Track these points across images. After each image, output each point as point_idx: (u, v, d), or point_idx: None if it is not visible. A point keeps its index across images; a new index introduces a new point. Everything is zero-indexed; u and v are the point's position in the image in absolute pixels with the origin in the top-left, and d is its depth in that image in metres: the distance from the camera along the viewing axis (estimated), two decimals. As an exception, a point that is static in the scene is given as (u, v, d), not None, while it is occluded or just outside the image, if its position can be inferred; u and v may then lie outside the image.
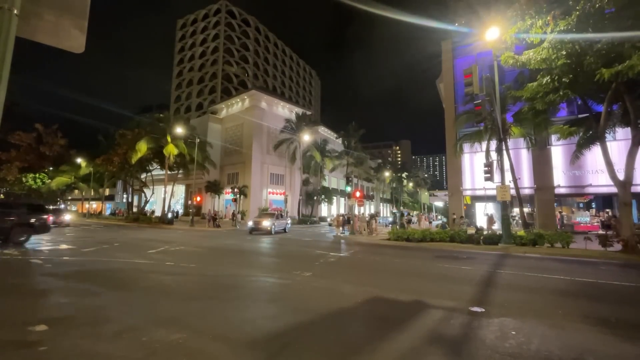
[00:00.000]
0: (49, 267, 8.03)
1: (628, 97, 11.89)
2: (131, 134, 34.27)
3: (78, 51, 1.73)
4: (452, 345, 3.64)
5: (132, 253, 10.82)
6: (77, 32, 1.72)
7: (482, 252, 12.58)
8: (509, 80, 18.68)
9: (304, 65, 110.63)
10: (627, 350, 3.54)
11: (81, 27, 1.72)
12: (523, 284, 6.92)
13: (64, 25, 1.68)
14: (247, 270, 8.30)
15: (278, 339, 3.72)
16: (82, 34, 1.73)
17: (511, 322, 4.35)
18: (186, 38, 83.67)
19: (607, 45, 9.82)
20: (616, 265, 9.81)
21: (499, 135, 15.98)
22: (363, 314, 4.77)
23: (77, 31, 1.71)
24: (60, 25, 1.67)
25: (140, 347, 3.41)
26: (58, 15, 1.64)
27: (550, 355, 3.33)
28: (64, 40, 1.70)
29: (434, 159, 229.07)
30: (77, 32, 1.72)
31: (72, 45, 1.73)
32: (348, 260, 10.32)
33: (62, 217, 25.54)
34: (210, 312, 4.68)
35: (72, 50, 1.73)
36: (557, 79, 11.49)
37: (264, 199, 41.60)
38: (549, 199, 22.48)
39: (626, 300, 5.70)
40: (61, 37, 1.70)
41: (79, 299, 5.27)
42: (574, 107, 20.83)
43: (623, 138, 18.08)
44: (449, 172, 27.12)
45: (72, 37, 1.71)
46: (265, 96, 45.43)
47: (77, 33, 1.72)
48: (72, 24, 1.69)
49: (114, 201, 61.65)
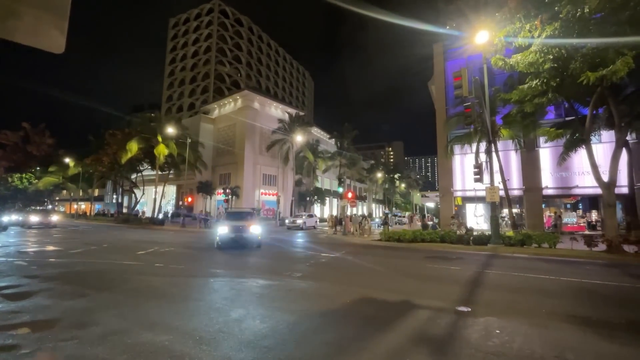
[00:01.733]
0: (34, 268, 7.88)
1: (612, 101, 12.20)
2: (122, 134, 33.84)
3: (57, 52, 1.71)
4: (438, 344, 3.69)
5: (120, 254, 10.68)
6: (57, 33, 1.70)
7: (471, 252, 12.74)
8: (498, 83, 18.99)
9: (298, 66, 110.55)
10: (606, 347, 3.64)
11: (61, 28, 1.70)
12: (509, 283, 7.04)
13: (44, 25, 1.65)
14: (236, 271, 8.26)
15: (265, 340, 3.72)
16: (62, 35, 1.71)
17: (496, 321, 4.43)
18: (178, 37, 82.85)
19: (592, 50, 10.07)
20: (600, 265, 10.04)
21: (488, 137, 16.22)
22: (351, 314, 4.79)
23: (57, 32, 1.69)
24: (39, 25, 1.65)
25: (125, 350, 3.38)
26: (37, 15, 1.62)
27: (532, 354, 3.40)
28: (43, 40, 1.68)
29: (426, 160, 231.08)
30: (57, 33, 1.69)
31: (51, 45, 1.70)
32: (338, 261, 10.35)
33: (49, 218, 25.08)
34: (198, 314, 4.65)
35: (52, 50, 1.71)
36: (545, 82, 11.73)
37: (257, 199, 41.44)
38: (537, 200, 22.88)
39: (608, 299, 5.84)
40: (40, 38, 1.67)
41: (63, 301, 5.19)
42: (561, 110, 21.25)
43: (608, 141, 18.53)
44: (440, 173, 27.42)
45: (51, 38, 1.69)
46: (258, 96, 45.29)
47: (57, 33, 1.70)
48: (52, 24, 1.67)
49: (103, 202, 60.71)
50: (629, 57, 9.01)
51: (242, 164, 40.48)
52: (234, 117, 42.78)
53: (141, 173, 38.93)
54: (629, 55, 9.06)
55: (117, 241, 15.36)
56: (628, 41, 9.28)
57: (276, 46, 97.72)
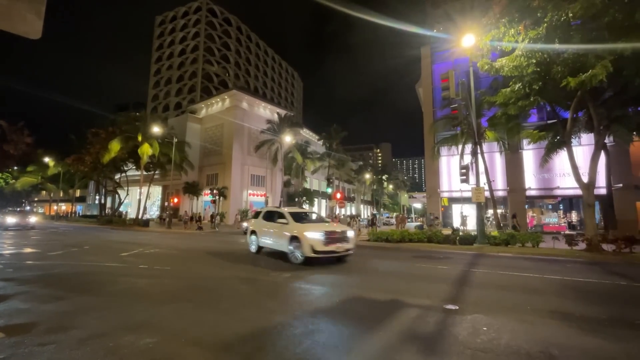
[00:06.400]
0: (10, 271, 7.54)
1: (592, 105, 12.63)
2: (105, 133, 32.87)
3: (34, 37, 1.61)
4: (427, 342, 3.70)
5: (103, 256, 10.34)
6: (33, 17, 1.60)
7: (458, 252, 12.93)
8: (484, 86, 19.42)
9: (286, 67, 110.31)
10: (589, 341, 3.73)
11: (38, 12, 1.61)
12: (495, 282, 7.16)
13: (19, 8, 1.55)
14: (223, 272, 8.11)
15: (253, 341, 3.64)
16: (39, 19, 1.61)
17: (483, 318, 4.48)
18: (165, 35, 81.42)
19: (573, 55, 10.40)
20: (581, 263, 10.35)
21: (474, 139, 16.55)
22: (341, 313, 4.76)
23: (33, 15, 1.60)
24: (14, 8, 1.55)
25: (106, 354, 3.24)
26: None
27: (519, 350, 3.45)
28: (18, 24, 1.58)
29: (414, 161, 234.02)
30: (33, 17, 1.60)
31: (27, 30, 1.60)
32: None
33: (27, 220, 24.17)
34: (184, 316, 4.53)
35: (28, 36, 1.60)
36: (528, 86, 12.04)
37: (244, 200, 41.02)
38: (521, 200, 23.48)
39: (590, 296, 6.01)
40: (15, 22, 1.57)
41: (41, 304, 4.96)
42: (544, 113, 21.94)
43: (587, 143, 19.21)
44: (427, 174, 27.83)
45: (27, 22, 1.59)
46: (246, 96, 44.91)
47: (33, 17, 1.60)
48: (28, 7, 1.58)
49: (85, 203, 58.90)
50: (607, 61, 9.35)
51: (229, 165, 40.02)
52: (221, 117, 42.28)
53: (125, 173, 37.96)
54: (608, 59, 9.40)
55: (99, 243, 14.89)
56: (606, 47, 9.63)
57: (265, 46, 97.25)
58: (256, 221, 11.53)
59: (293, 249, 8.98)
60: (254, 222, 11.68)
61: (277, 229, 9.96)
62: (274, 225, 10.24)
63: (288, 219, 9.73)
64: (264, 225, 10.84)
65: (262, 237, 10.83)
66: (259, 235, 11.00)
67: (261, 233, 10.92)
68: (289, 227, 9.43)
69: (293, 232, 9.09)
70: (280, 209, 11.14)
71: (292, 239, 9.04)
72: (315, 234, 8.62)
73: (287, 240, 9.19)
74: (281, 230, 9.69)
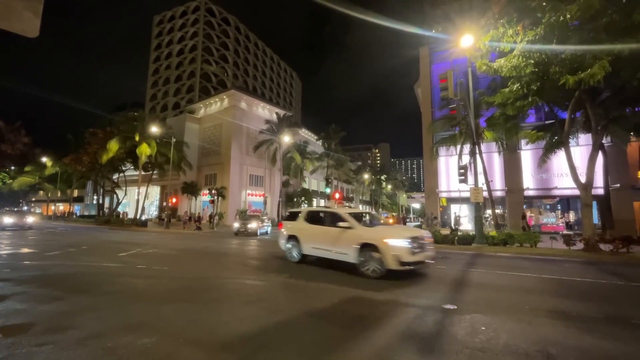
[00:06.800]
0: (7, 271, 7.50)
1: (589, 105, 12.68)
2: (103, 133, 32.73)
3: (31, 35, 1.60)
4: (426, 341, 3.71)
5: (101, 256, 10.31)
6: (31, 15, 1.60)
7: (456, 252, 12.95)
8: (482, 86, 19.47)
9: (285, 67, 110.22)
10: (586, 341, 3.75)
11: (35, 10, 1.60)
12: (493, 281, 7.18)
13: (16, 6, 1.55)
14: (222, 272, 8.10)
15: (252, 341, 3.64)
16: (37, 17, 1.60)
17: (481, 318, 4.50)
18: (163, 35, 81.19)
19: (571, 56, 10.44)
20: (578, 262, 10.39)
21: (472, 139, 16.59)
22: (339, 313, 4.76)
23: (30, 14, 1.59)
24: (11, 6, 1.54)
25: (104, 354, 3.24)
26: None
27: (517, 349, 3.46)
28: (15, 23, 1.58)
29: (412, 161, 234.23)
30: (30, 15, 1.59)
31: (24, 28, 1.60)
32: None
33: (25, 220, 24.07)
34: (183, 316, 4.52)
35: (25, 34, 1.60)
36: (526, 86, 12.08)
37: (243, 200, 40.94)
38: (519, 200, 23.55)
39: (587, 295, 6.03)
40: (12, 20, 1.57)
41: (39, 304, 4.94)
42: (542, 113, 22.01)
43: (585, 144, 19.28)
44: (426, 174, 27.87)
45: (24, 20, 1.59)
46: (245, 96, 44.82)
47: (31, 16, 1.60)
48: (25, 5, 1.57)
49: (83, 203, 58.68)
50: (605, 61, 9.40)
51: (228, 165, 39.92)
52: (220, 117, 42.16)
53: (123, 173, 37.83)
54: (605, 60, 9.44)
55: (97, 243, 14.84)
56: (604, 48, 9.68)
57: (263, 46, 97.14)
58: (295, 224, 9.70)
59: (366, 259, 7.32)
60: (292, 225, 9.80)
61: (336, 234, 8.06)
62: (328, 230, 8.39)
63: (352, 223, 7.98)
64: (311, 229, 9.04)
65: (309, 243, 8.98)
66: (303, 240, 9.16)
67: (307, 238, 9.09)
68: (355, 233, 7.73)
69: (364, 239, 7.48)
70: (334, 209, 9.20)
71: (363, 247, 7.40)
72: (401, 242, 7.05)
73: (356, 249, 7.49)
74: (343, 236, 7.88)
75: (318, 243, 8.69)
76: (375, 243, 7.20)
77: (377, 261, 7.15)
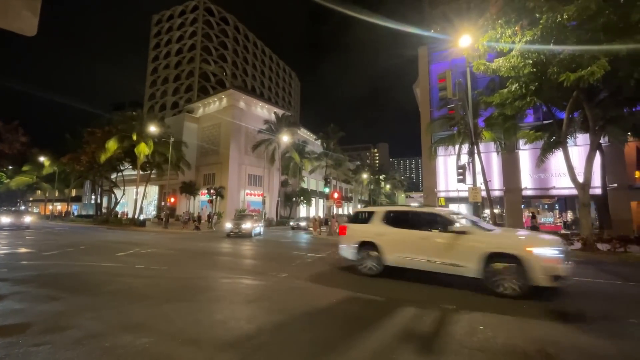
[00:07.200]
0: (4, 271, 7.47)
1: (587, 105, 12.72)
2: (101, 132, 32.65)
3: (29, 34, 1.60)
4: (424, 341, 3.71)
5: (99, 256, 10.28)
6: (29, 14, 1.59)
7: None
8: (481, 86, 19.49)
9: (284, 67, 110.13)
10: (584, 340, 3.76)
11: (33, 8, 1.59)
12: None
13: (14, 4, 1.54)
14: (221, 272, 8.09)
15: (251, 340, 3.64)
16: (35, 16, 1.60)
17: (480, 317, 4.51)
18: (162, 34, 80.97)
19: (569, 56, 10.47)
20: (576, 262, 10.36)
21: (471, 139, 16.61)
22: (338, 313, 4.77)
23: (28, 12, 1.59)
24: (9, 4, 1.54)
25: (103, 354, 3.23)
26: (6, -6, 1.51)
27: (515, 348, 3.47)
28: (13, 21, 1.57)
29: (411, 161, 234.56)
30: (28, 14, 1.59)
31: (22, 27, 1.59)
32: (324, 261, 10.32)
33: (22, 219, 23.98)
34: (181, 315, 4.51)
35: (23, 32, 1.59)
36: (524, 86, 12.10)
37: (242, 200, 40.91)
38: (517, 200, 23.61)
39: (584, 295, 6.06)
40: (10, 18, 1.56)
41: (36, 304, 4.93)
42: (540, 113, 22.05)
43: (583, 144, 19.34)
44: (424, 174, 27.89)
45: (22, 19, 1.58)
46: (243, 96, 44.77)
47: (29, 14, 1.59)
48: (23, 4, 1.56)
49: (81, 202, 58.48)
50: (604, 60, 9.44)
51: (227, 164, 39.88)
52: (219, 117, 42.11)
53: (122, 173, 37.74)
54: (603, 59, 9.48)
55: (95, 242, 14.79)
56: (602, 48, 9.72)
57: (262, 46, 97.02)
58: (369, 227, 7.82)
59: (496, 273, 5.84)
60: (364, 228, 7.90)
61: (444, 241, 6.51)
62: (427, 236, 6.82)
63: (468, 227, 6.58)
64: (397, 235, 7.29)
65: (395, 252, 7.20)
66: (385, 249, 7.34)
67: (391, 246, 7.30)
68: (476, 239, 6.27)
69: (493, 247, 6.02)
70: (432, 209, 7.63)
71: (491, 258, 5.92)
72: (551, 251, 5.68)
73: (480, 260, 5.98)
74: (457, 243, 6.35)
75: (410, 252, 6.98)
76: (514, 253, 5.73)
77: (516, 276, 5.66)
